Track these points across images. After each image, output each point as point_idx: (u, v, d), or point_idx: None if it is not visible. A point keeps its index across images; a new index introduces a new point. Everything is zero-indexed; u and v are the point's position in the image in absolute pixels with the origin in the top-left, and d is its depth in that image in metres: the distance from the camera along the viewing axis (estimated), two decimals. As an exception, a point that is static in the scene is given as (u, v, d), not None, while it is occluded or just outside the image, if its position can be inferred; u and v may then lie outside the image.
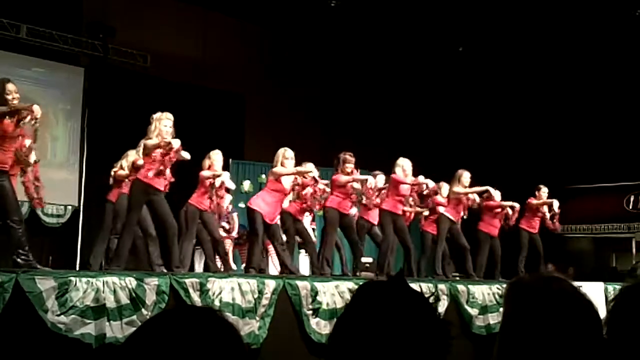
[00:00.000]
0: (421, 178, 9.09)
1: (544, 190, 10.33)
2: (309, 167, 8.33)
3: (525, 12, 12.47)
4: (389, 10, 12.60)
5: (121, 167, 7.82)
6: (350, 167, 8.36)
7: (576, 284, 1.55)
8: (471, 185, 9.54)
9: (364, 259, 9.41)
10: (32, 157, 5.96)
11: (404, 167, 8.74)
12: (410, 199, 9.00)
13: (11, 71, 10.78)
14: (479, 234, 9.80)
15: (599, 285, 9.33)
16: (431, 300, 1.25)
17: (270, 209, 7.77)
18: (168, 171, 6.66)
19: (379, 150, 13.50)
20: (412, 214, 9.60)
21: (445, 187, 9.69)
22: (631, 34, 12.80)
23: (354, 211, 9.01)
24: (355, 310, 1.24)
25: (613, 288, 9.20)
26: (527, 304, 1.46)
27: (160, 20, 12.03)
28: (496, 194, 9.83)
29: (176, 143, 6.55)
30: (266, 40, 13.45)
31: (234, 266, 9.34)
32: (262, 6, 12.51)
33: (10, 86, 5.64)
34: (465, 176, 9.47)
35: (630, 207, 15.60)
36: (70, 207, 10.79)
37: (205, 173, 7.79)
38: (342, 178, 8.31)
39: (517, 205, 9.88)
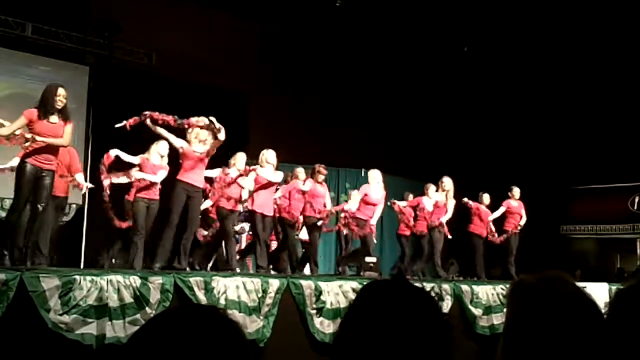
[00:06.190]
0: None
1: (516, 190, 10.39)
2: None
3: (530, 12, 12.44)
4: (394, 10, 12.59)
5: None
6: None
7: (580, 284, 1.54)
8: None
9: (368, 259, 9.43)
10: None
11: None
12: None
13: (16, 69, 10.78)
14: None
15: (604, 286, 9.31)
16: (433, 294, 1.25)
17: None
18: None
19: (381, 149, 13.50)
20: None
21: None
22: (634, 35, 12.76)
23: None
24: (360, 309, 1.24)
25: (617, 289, 9.18)
26: (530, 304, 1.46)
27: (166, 18, 12.02)
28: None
29: None
30: (270, 39, 13.43)
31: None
32: (267, 5, 12.50)
33: (60, 91, 6.09)
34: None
35: (635, 208, 15.56)
36: (74, 206, 10.78)
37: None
38: None
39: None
